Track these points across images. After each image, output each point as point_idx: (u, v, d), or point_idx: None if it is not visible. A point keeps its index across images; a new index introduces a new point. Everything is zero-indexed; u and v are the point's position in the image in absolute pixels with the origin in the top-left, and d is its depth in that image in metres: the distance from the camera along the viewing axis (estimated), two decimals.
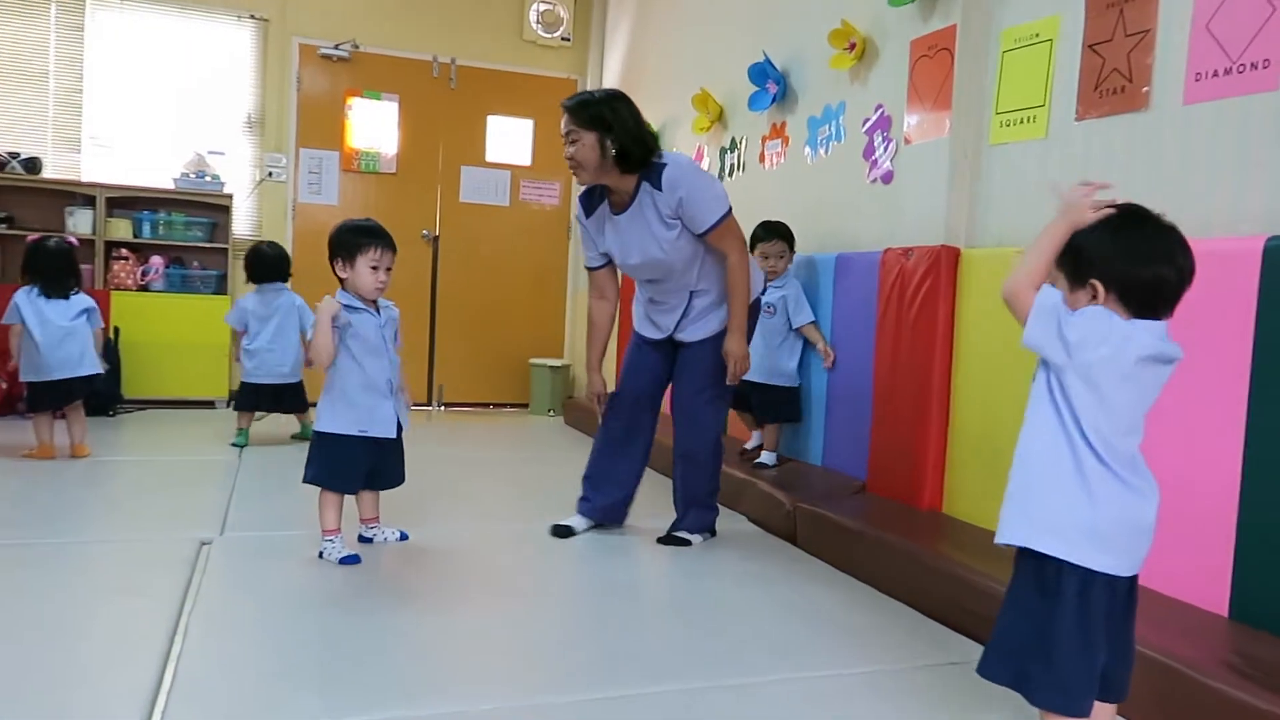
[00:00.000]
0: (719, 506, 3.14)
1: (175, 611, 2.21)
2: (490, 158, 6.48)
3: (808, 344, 3.67)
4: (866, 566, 2.70)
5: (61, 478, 3.68)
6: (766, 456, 3.71)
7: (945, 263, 2.95)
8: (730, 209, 2.81)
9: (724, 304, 2.92)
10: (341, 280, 2.69)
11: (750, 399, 3.66)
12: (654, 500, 3.38)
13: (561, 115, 2.81)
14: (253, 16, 5.90)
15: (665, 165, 2.79)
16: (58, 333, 3.85)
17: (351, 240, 2.67)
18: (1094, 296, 1.46)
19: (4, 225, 5.24)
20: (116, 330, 5.29)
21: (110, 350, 5.17)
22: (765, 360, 3.59)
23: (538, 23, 6.48)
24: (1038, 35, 2.79)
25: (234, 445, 4.37)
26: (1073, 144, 2.67)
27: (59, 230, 5.33)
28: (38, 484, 3.54)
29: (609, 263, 3.05)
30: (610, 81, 6.34)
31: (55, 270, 3.95)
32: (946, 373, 2.97)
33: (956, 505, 2.95)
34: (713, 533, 3.10)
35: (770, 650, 2.17)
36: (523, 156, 6.56)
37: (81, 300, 3.99)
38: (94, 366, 3.97)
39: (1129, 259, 1.44)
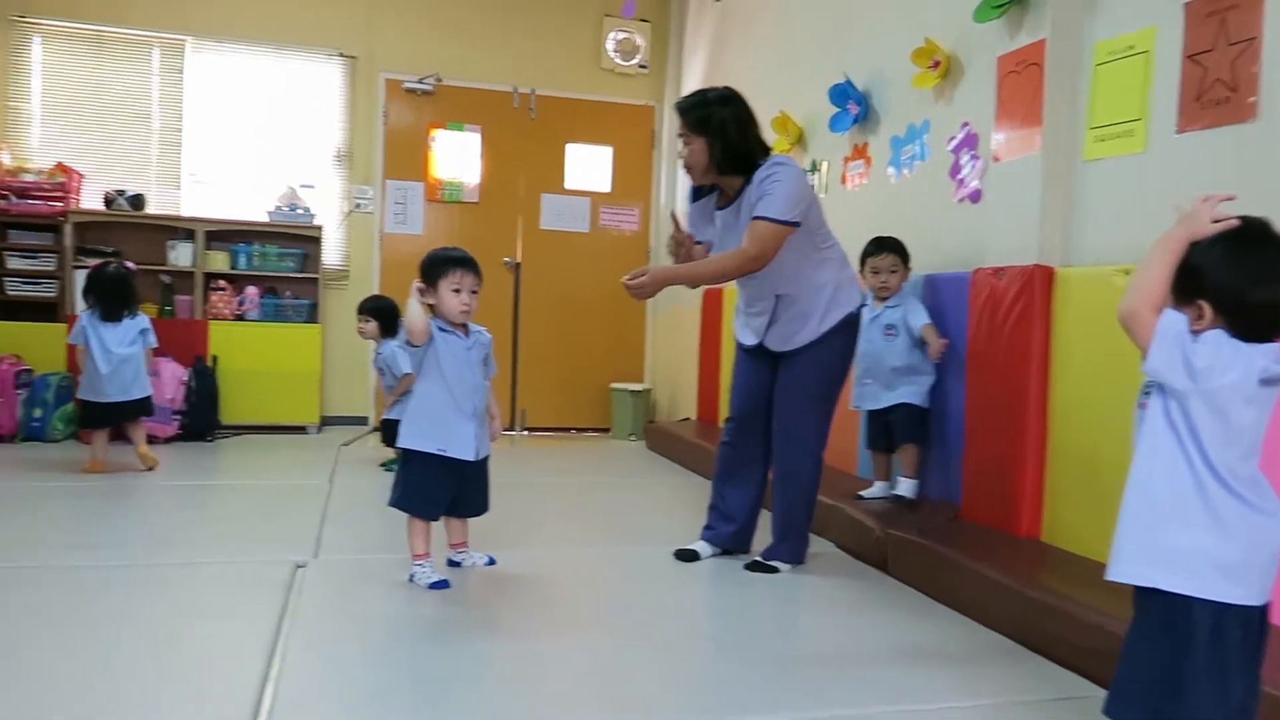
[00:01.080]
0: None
1: (273, 633, 2.26)
2: (570, 185, 6.56)
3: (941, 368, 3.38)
4: (962, 596, 2.62)
5: (159, 501, 3.82)
6: (905, 486, 3.38)
7: (1039, 282, 2.87)
8: (790, 222, 2.72)
9: (814, 318, 2.89)
10: (430, 307, 2.74)
11: (885, 429, 3.47)
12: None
13: (679, 117, 2.89)
14: (341, 54, 6.10)
15: (763, 164, 2.80)
16: (114, 360, 4.15)
17: (433, 267, 2.72)
18: (1199, 317, 1.40)
19: (112, 259, 5.48)
20: (214, 359, 5.48)
21: (208, 378, 5.36)
22: (895, 382, 3.39)
23: (615, 51, 6.55)
24: (1132, 47, 2.70)
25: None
26: (1174, 158, 2.57)
27: (161, 264, 5.58)
28: (136, 507, 3.68)
29: (700, 245, 3.05)
30: None
31: (112, 294, 4.23)
32: (1043, 395, 2.88)
33: (1057, 533, 2.84)
34: (801, 561, 3.05)
35: (863, 681, 2.12)
36: (602, 183, 6.62)
37: (138, 321, 4.28)
38: (144, 390, 4.27)
39: (1243, 281, 1.37)
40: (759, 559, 3.00)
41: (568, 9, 6.47)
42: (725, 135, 2.79)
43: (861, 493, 3.51)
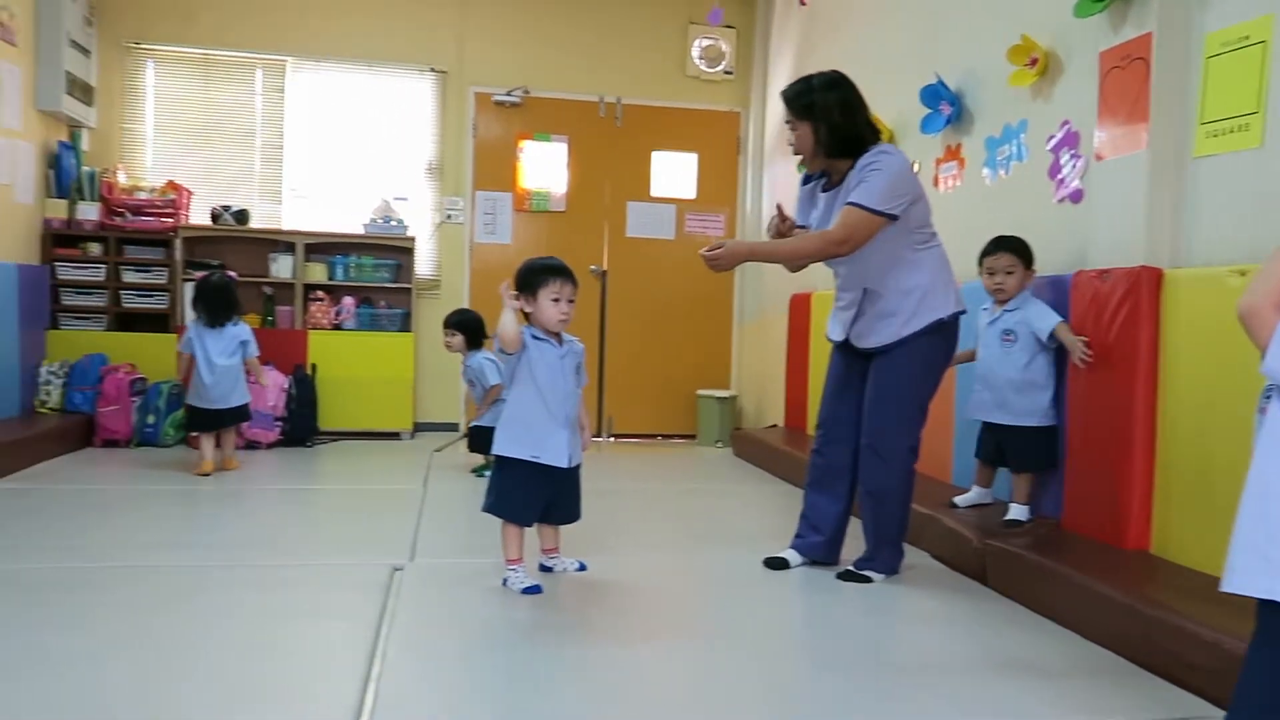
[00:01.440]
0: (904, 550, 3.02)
1: (373, 634, 2.32)
2: (655, 192, 6.58)
3: (1060, 377, 3.14)
4: (1066, 610, 2.53)
5: (262, 505, 3.96)
6: (1017, 510, 3.16)
7: (1146, 284, 2.76)
8: (883, 213, 2.69)
9: (900, 316, 2.83)
10: (527, 316, 2.78)
11: (997, 446, 3.27)
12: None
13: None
14: (433, 69, 6.25)
15: (869, 150, 2.78)
16: (217, 370, 4.44)
17: (532, 276, 2.75)
18: None
19: (216, 270, 5.72)
20: (314, 367, 5.67)
21: (308, 386, 5.54)
22: (1011, 398, 3.17)
23: (700, 58, 6.56)
24: (1247, 38, 2.58)
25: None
26: None
27: (264, 276, 5.80)
28: (241, 510, 3.82)
29: (805, 229, 3.02)
30: (775, 112, 6.34)
31: (216, 302, 4.51)
32: (1151, 402, 2.76)
33: (1168, 546, 2.72)
34: (896, 572, 2.99)
35: (965, 694, 2.06)
36: (687, 190, 6.63)
37: (240, 331, 4.57)
38: (243, 398, 4.58)
39: None
40: (851, 568, 2.95)
41: (653, 18, 6.51)
42: (830, 119, 2.79)
43: (956, 499, 3.38)
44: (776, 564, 3.05)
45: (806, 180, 3.04)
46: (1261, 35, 2.54)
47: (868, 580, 2.91)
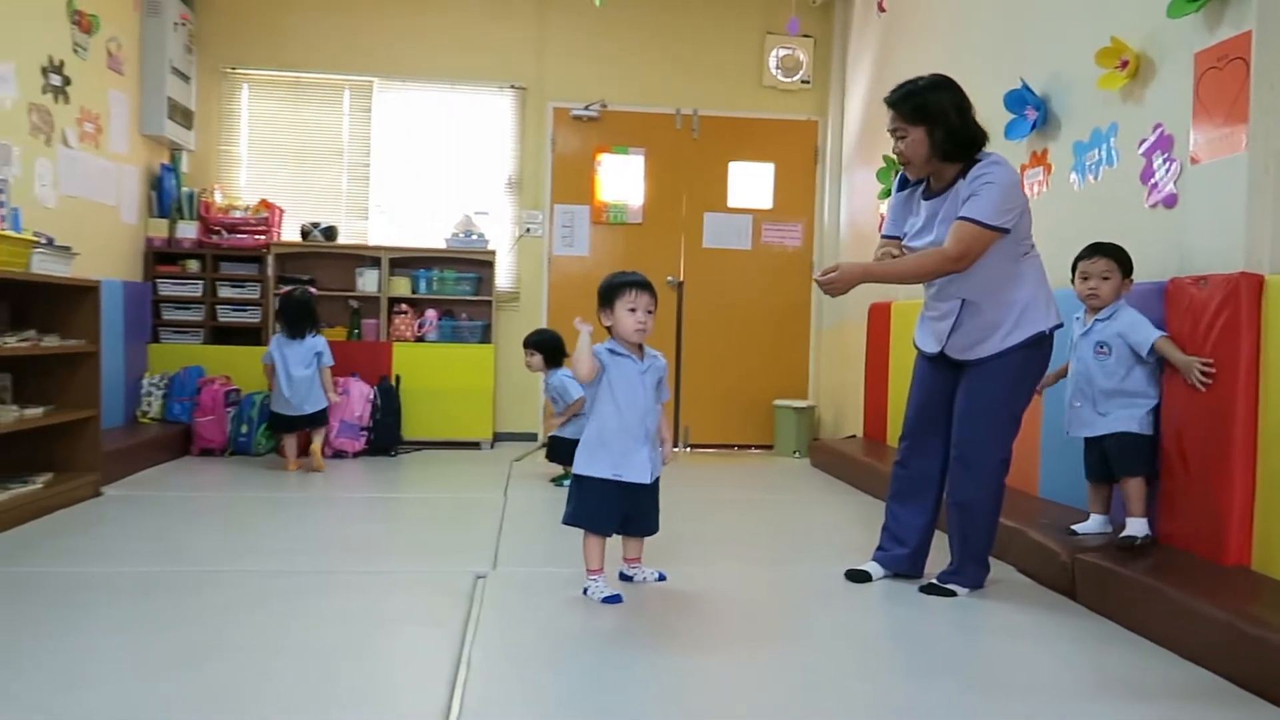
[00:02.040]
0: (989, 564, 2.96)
1: (458, 641, 2.36)
2: (732, 203, 6.58)
3: (1160, 388, 2.98)
4: (1162, 628, 2.44)
5: (349, 512, 4.08)
6: (1135, 526, 2.92)
7: (1247, 291, 2.66)
8: (997, 227, 2.64)
9: (1001, 329, 2.77)
10: (608, 329, 2.81)
11: (1102, 458, 3.07)
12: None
13: (888, 112, 2.80)
14: (513, 86, 6.37)
15: (981, 160, 2.72)
16: (294, 380, 4.88)
17: (610, 290, 2.79)
18: None
19: (297, 286, 5.91)
20: (398, 378, 5.81)
21: (392, 397, 5.68)
22: (1109, 409, 3.02)
23: (777, 68, 6.54)
24: None
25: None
26: None
27: (351, 290, 5.97)
28: (328, 517, 3.94)
29: (898, 239, 2.96)
30: (853, 120, 6.29)
31: (296, 315, 4.97)
32: (1252, 413, 2.65)
33: (1271, 562, 2.61)
34: (981, 587, 2.92)
35: (1059, 713, 2.01)
36: (764, 200, 6.61)
37: (316, 343, 4.98)
38: (318, 404, 4.97)
39: None
40: (935, 581, 2.90)
41: (730, 29, 6.52)
42: (947, 120, 2.71)
43: (1075, 526, 3.13)
44: (859, 577, 3.01)
45: (902, 185, 2.96)
46: None
47: (952, 594, 2.85)
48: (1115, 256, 3.05)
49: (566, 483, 4.46)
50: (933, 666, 2.32)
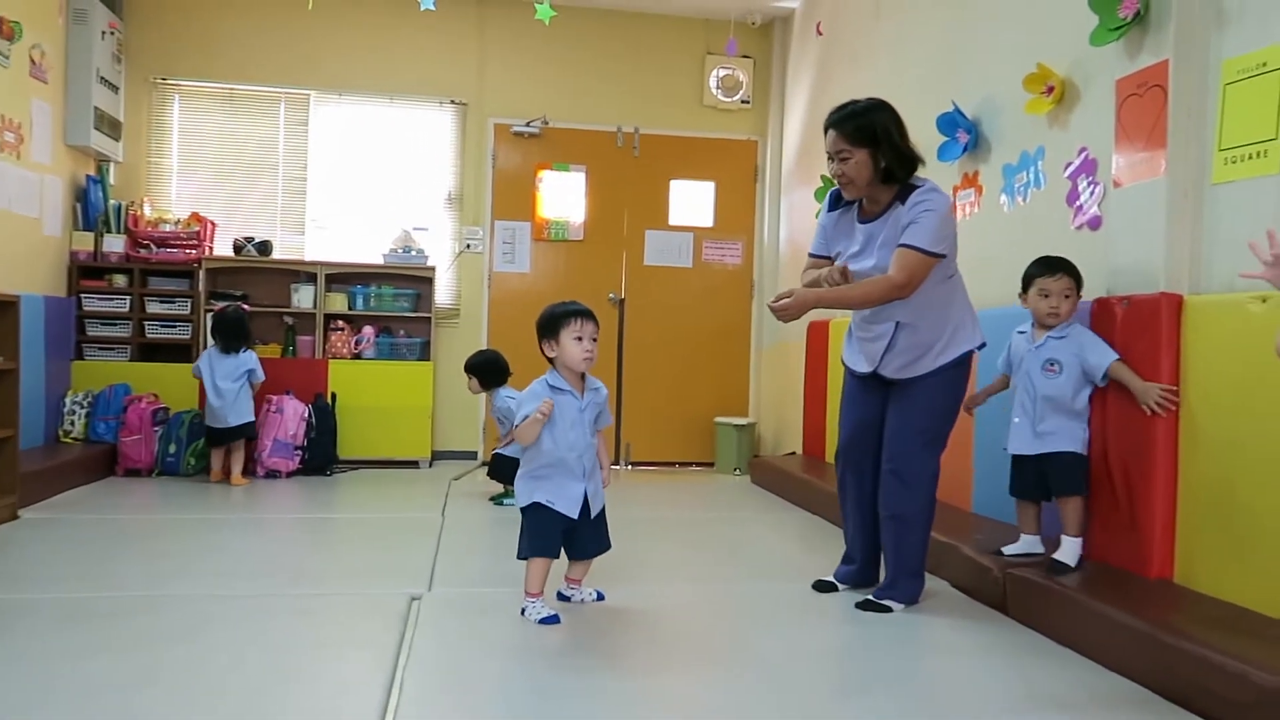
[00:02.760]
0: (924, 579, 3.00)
1: (391, 664, 2.32)
2: (673, 220, 6.61)
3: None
4: (1089, 640, 2.49)
5: (281, 534, 3.98)
6: (1069, 548, 2.88)
7: (1167, 311, 2.75)
8: (937, 255, 2.71)
9: (934, 349, 2.84)
10: (550, 360, 2.79)
11: (1039, 476, 3.00)
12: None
13: (826, 132, 2.81)
14: (453, 101, 6.33)
15: (919, 188, 2.77)
16: (222, 393, 5.01)
17: (553, 320, 2.78)
18: None
19: (231, 303, 5.79)
20: (333, 396, 5.70)
21: (327, 415, 5.57)
22: (1052, 427, 2.95)
23: (718, 88, 6.61)
24: (1265, 64, 2.58)
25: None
26: None
27: (285, 306, 5.86)
28: (259, 539, 3.84)
29: (826, 259, 3.01)
30: (792, 140, 6.37)
31: (229, 332, 5.08)
32: (1173, 429, 2.73)
33: (1192, 575, 2.69)
34: (916, 601, 2.96)
35: None
36: (705, 218, 6.66)
37: (246, 359, 5.09)
38: (245, 416, 5.07)
39: None
40: (871, 598, 2.93)
41: (671, 49, 6.57)
42: (891, 141, 2.75)
43: (1005, 548, 3.06)
44: (824, 587, 3.11)
45: (832, 206, 3.00)
46: (1279, 62, 2.54)
47: (887, 610, 2.88)
48: (1075, 275, 2.98)
49: (507, 501, 4.44)
50: (872, 683, 2.34)
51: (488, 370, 4.77)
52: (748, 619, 2.90)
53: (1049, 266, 3.00)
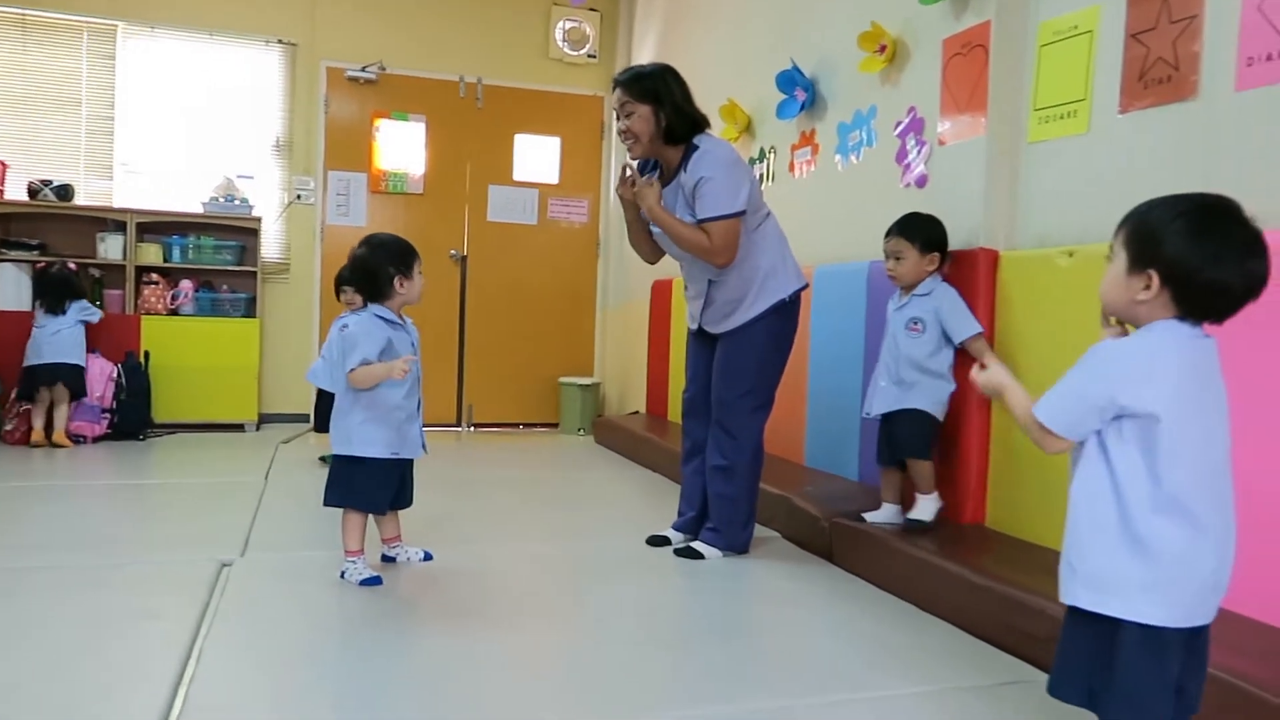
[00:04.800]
0: (752, 531, 3.03)
1: (191, 634, 2.15)
2: (518, 176, 6.45)
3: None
4: (907, 584, 2.57)
5: (85, 503, 3.66)
6: (925, 505, 2.81)
7: (984, 266, 2.84)
8: (737, 212, 2.76)
9: (745, 301, 2.88)
10: (387, 296, 2.62)
11: (886, 439, 2.90)
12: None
13: (614, 90, 2.89)
14: (281, 41, 5.93)
15: (698, 148, 2.81)
16: (59, 333, 4.80)
17: (408, 255, 2.64)
18: (1146, 287, 1.36)
19: (37, 252, 5.28)
20: (147, 355, 5.30)
21: (140, 375, 5.17)
22: (913, 387, 2.82)
23: (564, 41, 6.46)
24: (1076, 27, 2.68)
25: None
26: (1117, 137, 2.55)
27: (91, 256, 5.38)
28: (61, 508, 3.51)
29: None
30: None
31: (55, 293, 4.83)
32: None
33: (1001, 519, 2.81)
34: (743, 551, 2.99)
35: (808, 672, 2.06)
36: (550, 175, 6.52)
37: (79, 306, 4.90)
38: (71, 358, 4.80)
39: (1197, 258, 1.33)
40: (689, 544, 2.97)
41: None
42: (673, 100, 2.83)
43: (866, 515, 2.92)
44: (658, 541, 3.10)
45: (642, 170, 3.02)
46: (1089, 25, 2.64)
47: (699, 556, 2.92)
48: (907, 232, 2.85)
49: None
50: (695, 635, 2.33)
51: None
52: (581, 576, 2.85)
53: (890, 228, 2.91)
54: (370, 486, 2.62)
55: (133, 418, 5.08)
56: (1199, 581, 1.35)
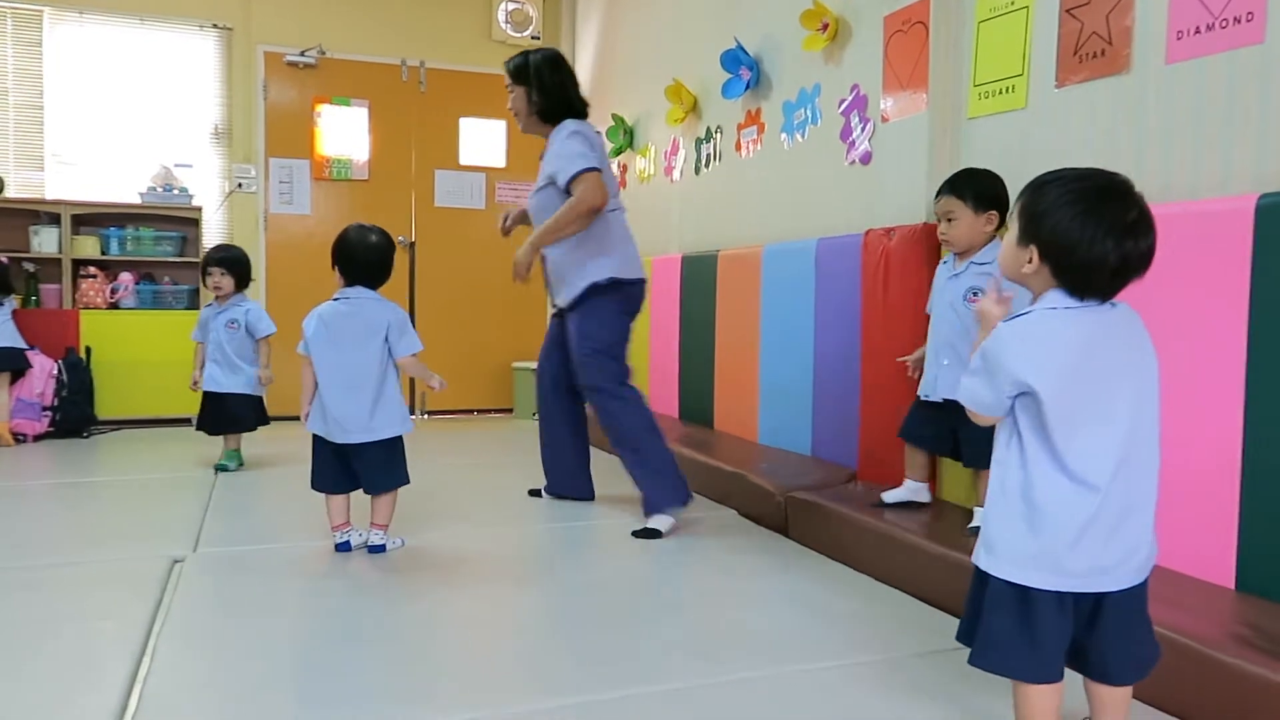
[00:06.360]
0: (684, 480, 3.08)
1: (144, 632, 2.12)
2: (464, 160, 6.38)
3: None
4: (861, 554, 2.63)
5: (29, 503, 3.57)
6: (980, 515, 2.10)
7: (927, 241, 2.89)
8: (586, 169, 2.93)
9: (568, 280, 3.10)
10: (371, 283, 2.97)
11: (951, 433, 2.51)
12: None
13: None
14: (215, 26, 5.79)
15: (563, 129, 3.03)
16: None
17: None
18: (1029, 260, 1.42)
19: None
20: (88, 350, 5.17)
21: (81, 371, 5.05)
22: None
23: (507, 22, 6.39)
24: (1013, 3, 2.72)
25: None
26: (1054, 112, 2.60)
27: (24, 250, 5.22)
28: (5, 508, 3.42)
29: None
30: (583, 76, 6.24)
31: None
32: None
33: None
34: (684, 502, 3.04)
35: (763, 643, 2.10)
36: (497, 158, 6.47)
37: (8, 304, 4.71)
38: (14, 340, 4.66)
39: (1075, 235, 1.37)
40: (642, 527, 3.01)
41: None
42: (541, 83, 3.10)
43: (885, 495, 2.77)
44: (535, 493, 3.54)
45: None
46: (1025, 1, 2.68)
47: (657, 533, 2.96)
48: (959, 191, 2.50)
49: (232, 466, 4.07)
50: (651, 609, 2.36)
51: (245, 267, 4.14)
52: (536, 555, 2.87)
53: (941, 187, 2.56)
54: (313, 463, 2.76)
55: (75, 415, 4.96)
56: (1087, 551, 1.39)
